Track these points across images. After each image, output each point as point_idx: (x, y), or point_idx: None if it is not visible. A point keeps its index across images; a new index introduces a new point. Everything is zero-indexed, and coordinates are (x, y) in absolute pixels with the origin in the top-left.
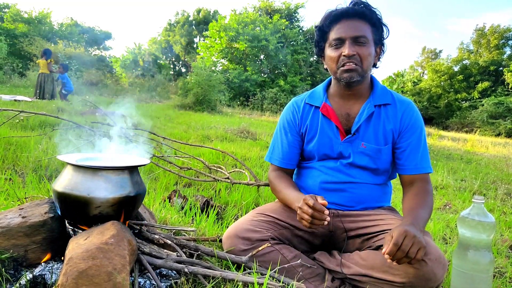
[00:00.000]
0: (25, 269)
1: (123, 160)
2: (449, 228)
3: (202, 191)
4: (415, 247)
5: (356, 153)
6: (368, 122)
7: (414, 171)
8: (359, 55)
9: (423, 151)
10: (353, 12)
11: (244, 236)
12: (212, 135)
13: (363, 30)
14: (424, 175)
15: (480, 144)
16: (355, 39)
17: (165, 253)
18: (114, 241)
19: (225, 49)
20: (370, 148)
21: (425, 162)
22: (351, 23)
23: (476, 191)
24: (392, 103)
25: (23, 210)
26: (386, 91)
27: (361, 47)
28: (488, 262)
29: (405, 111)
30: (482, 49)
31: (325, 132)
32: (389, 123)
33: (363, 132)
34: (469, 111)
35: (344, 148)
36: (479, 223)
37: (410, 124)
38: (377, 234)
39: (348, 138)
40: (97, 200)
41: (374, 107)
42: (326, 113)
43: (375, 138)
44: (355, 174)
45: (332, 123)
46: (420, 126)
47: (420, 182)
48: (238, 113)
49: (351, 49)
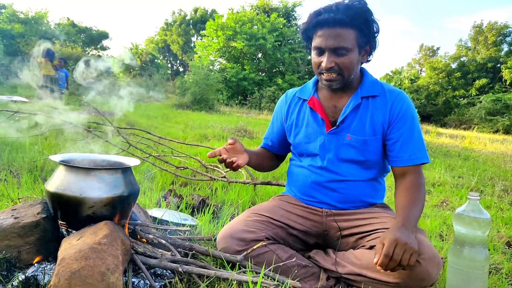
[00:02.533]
0: (17, 270)
1: (116, 160)
2: (445, 225)
3: (199, 190)
4: (407, 254)
5: (342, 145)
6: (355, 113)
7: (408, 162)
8: (339, 65)
9: (417, 141)
10: (334, 21)
11: (238, 237)
12: (210, 134)
13: (344, 40)
14: (417, 166)
15: (478, 141)
16: (334, 50)
17: (159, 253)
18: (107, 241)
19: (223, 48)
20: (356, 139)
21: (420, 152)
22: (331, 32)
23: (473, 188)
24: (381, 94)
25: (16, 211)
26: (376, 83)
27: (340, 58)
28: (483, 259)
29: (394, 101)
30: (479, 46)
31: (310, 124)
32: (378, 115)
33: (349, 124)
34: (467, 108)
35: (329, 140)
36: (474, 219)
37: (401, 114)
38: (371, 233)
39: (333, 129)
40: (90, 200)
41: (361, 99)
42: (313, 105)
43: (361, 129)
44: (343, 171)
45: (317, 115)
46: (411, 115)
47: (412, 174)
48: (236, 112)
49: (329, 61)
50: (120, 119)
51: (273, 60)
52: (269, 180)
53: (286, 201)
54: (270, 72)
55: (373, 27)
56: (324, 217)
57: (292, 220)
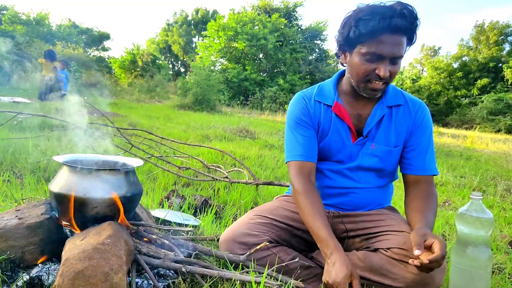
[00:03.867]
0: (22, 270)
1: (119, 160)
2: (448, 225)
3: (201, 191)
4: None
5: (365, 154)
6: (380, 123)
7: (421, 172)
8: (391, 74)
9: (431, 153)
10: (405, 28)
11: (241, 241)
12: (211, 134)
13: (402, 49)
14: (430, 177)
15: (480, 141)
16: (393, 59)
17: (162, 253)
18: (111, 242)
19: (224, 48)
20: (380, 149)
21: (433, 163)
22: (397, 40)
23: (475, 188)
24: (404, 104)
25: (20, 212)
26: (397, 91)
27: (394, 66)
28: (486, 259)
29: (417, 111)
30: (481, 45)
31: (338, 132)
32: (402, 125)
33: (374, 134)
34: (469, 108)
35: (355, 151)
36: (477, 219)
37: (422, 124)
38: (377, 234)
39: (359, 140)
40: (93, 201)
41: (386, 108)
42: (339, 113)
43: (386, 140)
44: (359, 178)
45: (345, 124)
46: (430, 126)
47: (426, 184)
48: (237, 112)
49: (386, 70)
50: (122, 119)
51: (274, 60)
52: (271, 180)
53: (290, 202)
54: (271, 72)
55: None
56: (331, 219)
57: (296, 221)
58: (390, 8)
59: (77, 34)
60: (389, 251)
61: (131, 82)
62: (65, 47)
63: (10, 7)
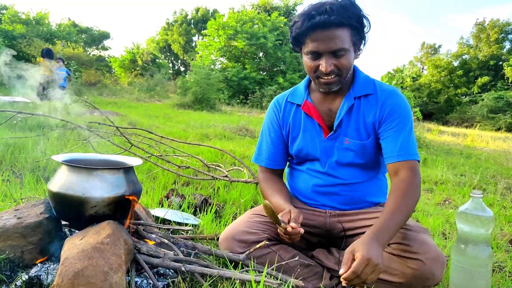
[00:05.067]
0: (21, 270)
1: (118, 159)
2: (448, 223)
3: (201, 190)
4: (374, 275)
5: (341, 149)
6: (349, 115)
7: (396, 158)
8: (338, 67)
9: (406, 137)
10: (330, 23)
11: (240, 239)
12: (211, 133)
13: (341, 41)
14: (409, 163)
15: (480, 139)
16: (333, 53)
17: (162, 252)
18: (110, 241)
19: (224, 47)
20: (354, 143)
21: (409, 148)
22: (328, 34)
23: (475, 186)
24: (374, 93)
25: (19, 211)
26: (368, 81)
27: (339, 59)
28: (487, 257)
29: (386, 99)
30: (481, 43)
31: (308, 131)
32: (369, 115)
33: (345, 127)
34: (469, 106)
35: (329, 146)
36: (477, 217)
37: (391, 111)
38: None
39: (331, 135)
40: (92, 200)
41: (354, 99)
42: (308, 111)
43: (358, 133)
44: (344, 175)
45: (315, 121)
46: (402, 112)
47: (405, 171)
48: (237, 111)
49: (328, 65)
50: (121, 119)
51: (274, 59)
52: None
53: None
54: (271, 71)
55: (365, 24)
56: (328, 218)
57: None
58: (315, 7)
59: (77, 33)
60: (388, 247)
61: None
62: (65, 46)
63: (9, 7)
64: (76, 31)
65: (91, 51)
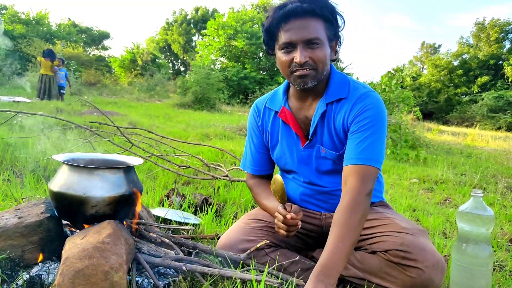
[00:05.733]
0: (22, 269)
1: (118, 159)
2: (449, 222)
3: (201, 189)
4: None
5: (318, 158)
6: (323, 123)
7: (348, 161)
8: (313, 59)
9: (368, 141)
10: (303, 10)
11: (239, 248)
12: (211, 133)
13: (315, 31)
14: (362, 168)
15: (480, 138)
16: (307, 43)
17: (163, 252)
18: (111, 240)
19: (224, 47)
20: (331, 154)
21: (367, 153)
22: (301, 23)
23: (476, 185)
24: (347, 96)
25: (20, 211)
26: (343, 83)
27: (314, 50)
28: (487, 256)
29: (356, 102)
30: (481, 43)
31: (285, 140)
32: (339, 121)
33: (320, 135)
34: (469, 106)
35: (306, 155)
36: (478, 216)
37: (359, 113)
38: (372, 235)
39: (307, 144)
40: (93, 199)
41: (326, 105)
42: (285, 118)
43: (332, 142)
44: (327, 183)
45: (292, 130)
46: (370, 115)
47: (354, 178)
48: (237, 110)
49: (303, 56)
50: (122, 118)
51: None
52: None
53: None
54: (271, 70)
55: (340, 20)
56: (323, 220)
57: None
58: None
59: (76, 33)
60: (387, 253)
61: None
62: (65, 46)
63: (9, 7)
64: (76, 31)
65: (91, 51)
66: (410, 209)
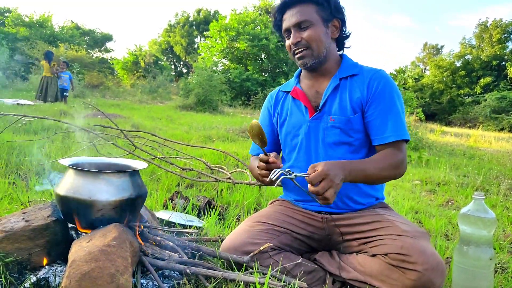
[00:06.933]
0: (29, 272)
1: (123, 163)
2: (451, 224)
3: (204, 192)
4: (330, 192)
5: (326, 128)
6: (334, 95)
7: (387, 139)
8: (305, 39)
9: (396, 118)
10: (291, 1)
11: (243, 250)
12: (214, 135)
13: (304, 14)
14: (397, 143)
15: (483, 139)
16: (298, 26)
17: (167, 254)
18: (116, 243)
19: (226, 49)
20: (339, 120)
21: (399, 129)
22: (293, 11)
23: (478, 187)
24: (359, 73)
25: (26, 214)
26: (355, 65)
27: (305, 31)
28: (489, 258)
29: (371, 78)
30: (484, 43)
31: (293, 113)
32: (355, 92)
33: (330, 106)
34: (472, 106)
35: (314, 126)
36: (479, 219)
37: (378, 91)
38: (374, 239)
39: (315, 115)
40: (98, 203)
41: (339, 80)
42: (295, 95)
43: (342, 109)
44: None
45: (301, 104)
46: (389, 92)
47: (391, 149)
48: (239, 112)
49: (294, 37)
50: (124, 121)
51: (276, 60)
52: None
53: (286, 206)
54: (273, 72)
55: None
56: (325, 223)
57: (294, 225)
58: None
59: (79, 36)
60: (387, 257)
61: (134, 83)
62: (68, 48)
63: (13, 9)
64: (79, 34)
65: (94, 53)
66: (412, 211)
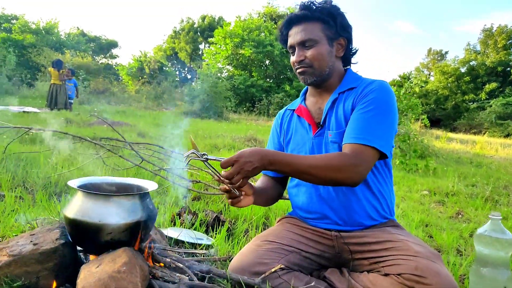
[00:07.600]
0: None
1: (133, 183)
2: (462, 238)
3: (212, 205)
4: (239, 176)
5: (327, 144)
6: (332, 110)
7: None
8: (308, 58)
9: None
10: (297, 18)
11: (251, 271)
12: (220, 144)
13: (309, 33)
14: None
15: (489, 146)
16: (302, 44)
17: (177, 277)
18: (126, 269)
19: (231, 55)
20: (335, 134)
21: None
22: (298, 28)
23: (488, 198)
24: (358, 86)
25: (34, 236)
26: (356, 78)
27: (308, 50)
28: (505, 280)
29: (366, 86)
30: (489, 49)
31: (298, 131)
32: (349, 104)
33: (329, 121)
34: (477, 113)
35: (317, 143)
36: (496, 240)
37: (364, 96)
38: (386, 258)
39: (318, 131)
40: (108, 227)
41: (338, 94)
42: (300, 113)
43: (338, 123)
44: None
45: (304, 121)
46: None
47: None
48: (244, 119)
49: (298, 55)
50: (130, 129)
51: (281, 66)
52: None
53: (294, 224)
54: (278, 78)
55: (340, 19)
56: (335, 241)
57: (303, 243)
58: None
59: (85, 42)
60: (400, 277)
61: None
62: (74, 55)
63: (20, 16)
64: (85, 40)
65: (99, 60)
66: (422, 225)
